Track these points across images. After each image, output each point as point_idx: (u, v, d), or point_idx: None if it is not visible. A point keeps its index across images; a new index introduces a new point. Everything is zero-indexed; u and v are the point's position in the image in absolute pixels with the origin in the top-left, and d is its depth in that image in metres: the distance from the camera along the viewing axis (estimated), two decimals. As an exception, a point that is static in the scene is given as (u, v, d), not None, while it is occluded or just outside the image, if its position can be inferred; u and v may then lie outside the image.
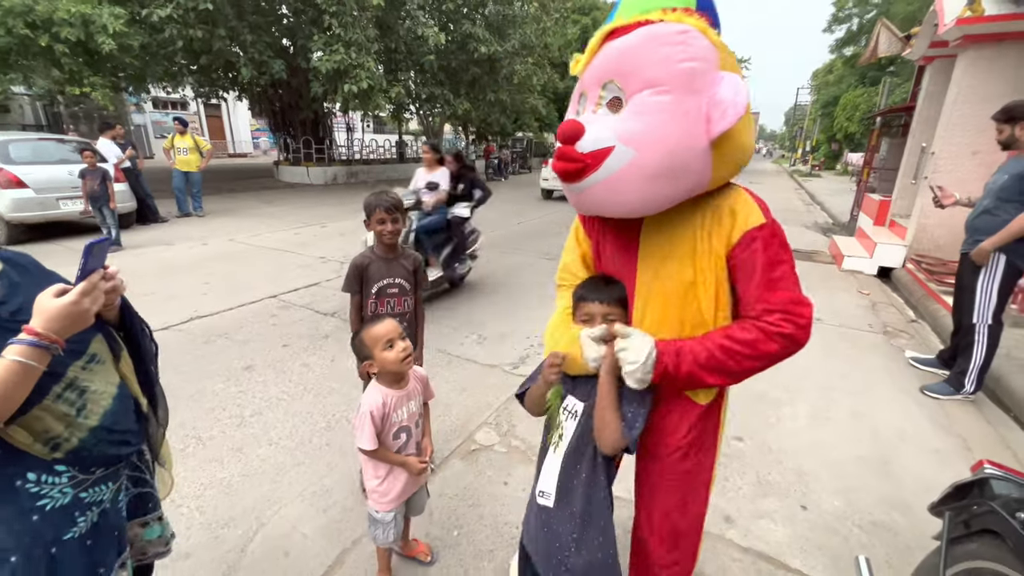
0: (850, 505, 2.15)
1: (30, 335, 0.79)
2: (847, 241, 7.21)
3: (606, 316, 1.18)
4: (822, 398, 3.06)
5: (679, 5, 0.96)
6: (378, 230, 2.02)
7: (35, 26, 8.24)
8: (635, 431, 1.11)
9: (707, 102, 0.92)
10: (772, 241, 1.04)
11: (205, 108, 23.98)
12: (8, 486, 0.86)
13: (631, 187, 0.99)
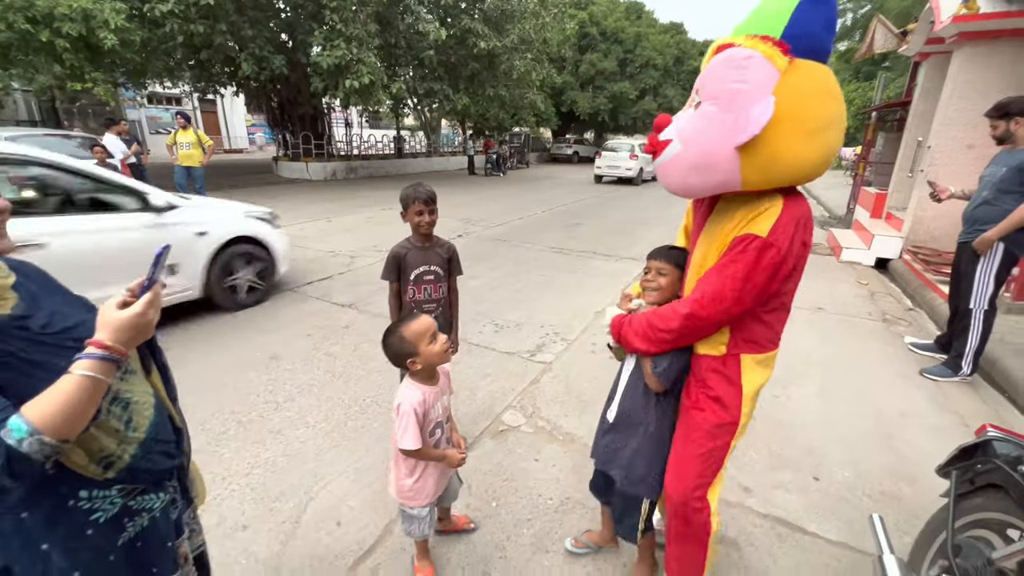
0: (859, 476, 2.30)
1: (99, 348, 0.76)
2: (845, 233, 7.39)
3: (659, 270, 1.51)
4: (827, 379, 3.22)
5: (764, 32, 1.11)
6: (416, 221, 2.09)
7: (36, 21, 8.20)
8: (665, 377, 1.42)
9: (743, 116, 1.09)
10: (756, 253, 1.18)
11: (201, 103, 23.81)
12: (61, 507, 0.84)
13: (675, 173, 1.27)
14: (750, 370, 1.37)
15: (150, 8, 9.52)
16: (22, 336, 0.80)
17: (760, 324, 1.34)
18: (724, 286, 1.22)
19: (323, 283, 5.01)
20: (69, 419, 0.73)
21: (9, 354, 0.77)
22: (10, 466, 0.69)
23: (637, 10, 28.94)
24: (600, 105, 26.20)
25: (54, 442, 0.71)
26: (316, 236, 7.20)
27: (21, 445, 0.69)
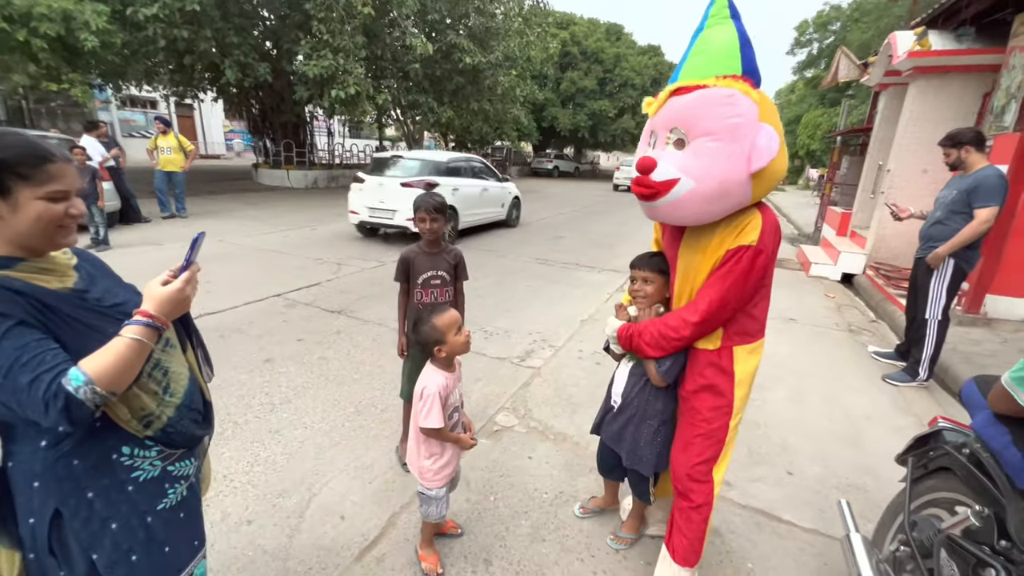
0: (828, 471, 2.49)
1: (144, 317, 0.91)
2: (813, 250, 7.79)
3: (644, 279, 1.69)
4: (798, 384, 3.43)
5: (727, 72, 1.31)
6: (419, 227, 2.23)
7: (12, 20, 8.03)
8: (668, 375, 1.60)
9: (749, 147, 1.28)
10: (750, 261, 1.37)
11: (177, 107, 23.37)
12: (106, 459, 0.98)
13: (691, 207, 1.39)
14: (742, 360, 1.55)
15: (133, 11, 9.43)
16: (81, 305, 0.97)
17: (749, 318, 1.53)
18: (728, 292, 1.40)
19: (311, 289, 5.03)
20: (118, 374, 0.87)
21: (72, 318, 0.93)
22: (68, 410, 0.82)
23: (616, 32, 29.91)
24: (580, 122, 26.85)
25: (104, 392, 0.85)
26: (301, 243, 7.19)
27: (77, 392, 0.81)
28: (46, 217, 0.90)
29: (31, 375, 0.80)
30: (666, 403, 1.70)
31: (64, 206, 0.92)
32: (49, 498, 0.93)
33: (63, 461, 0.93)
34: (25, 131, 0.99)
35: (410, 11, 11.72)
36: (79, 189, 0.98)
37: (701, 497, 1.61)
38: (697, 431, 1.58)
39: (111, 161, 7.65)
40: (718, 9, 1.37)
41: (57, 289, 0.94)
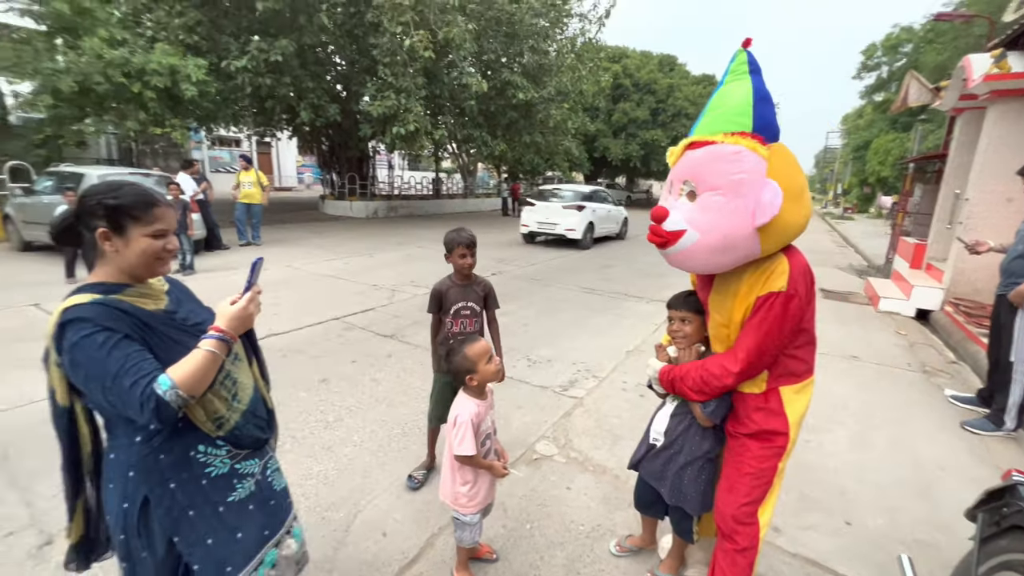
0: (893, 524, 2.30)
1: (217, 332, 1.07)
2: (883, 283, 7.28)
3: (682, 319, 1.71)
4: (860, 427, 3.21)
5: (738, 129, 1.35)
6: (459, 263, 2.30)
7: (130, 75, 9.32)
8: (714, 416, 1.61)
9: (754, 202, 1.31)
10: (782, 307, 1.38)
11: (258, 145, 25.73)
12: (186, 455, 1.15)
13: (698, 257, 1.44)
14: (791, 400, 1.53)
15: (227, 64, 10.68)
16: (171, 323, 1.17)
17: (793, 359, 1.52)
18: (765, 340, 1.42)
19: (367, 314, 5.32)
20: (196, 380, 1.03)
21: (163, 334, 1.12)
22: (158, 410, 0.99)
23: (670, 63, 29.99)
24: (632, 151, 26.87)
25: (185, 395, 1.01)
26: (359, 270, 7.63)
27: (165, 395, 0.99)
28: (150, 251, 1.12)
29: (131, 379, 0.98)
30: (713, 443, 1.69)
31: (163, 242, 1.14)
32: (141, 486, 1.11)
33: (152, 455, 1.11)
34: (137, 180, 1.21)
35: (467, 52, 12.43)
36: (175, 226, 1.19)
37: (747, 540, 1.56)
38: (745, 471, 1.56)
39: (200, 195, 8.55)
40: (737, 65, 1.42)
41: (153, 310, 1.14)
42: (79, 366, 1.00)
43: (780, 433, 1.51)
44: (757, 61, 1.41)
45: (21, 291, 5.70)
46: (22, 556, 1.93)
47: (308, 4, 11.23)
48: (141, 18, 10.78)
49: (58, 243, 1.24)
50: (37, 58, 9.18)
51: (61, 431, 1.13)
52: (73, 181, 7.50)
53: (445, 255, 2.36)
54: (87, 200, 1.09)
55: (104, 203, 1.07)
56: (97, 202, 1.07)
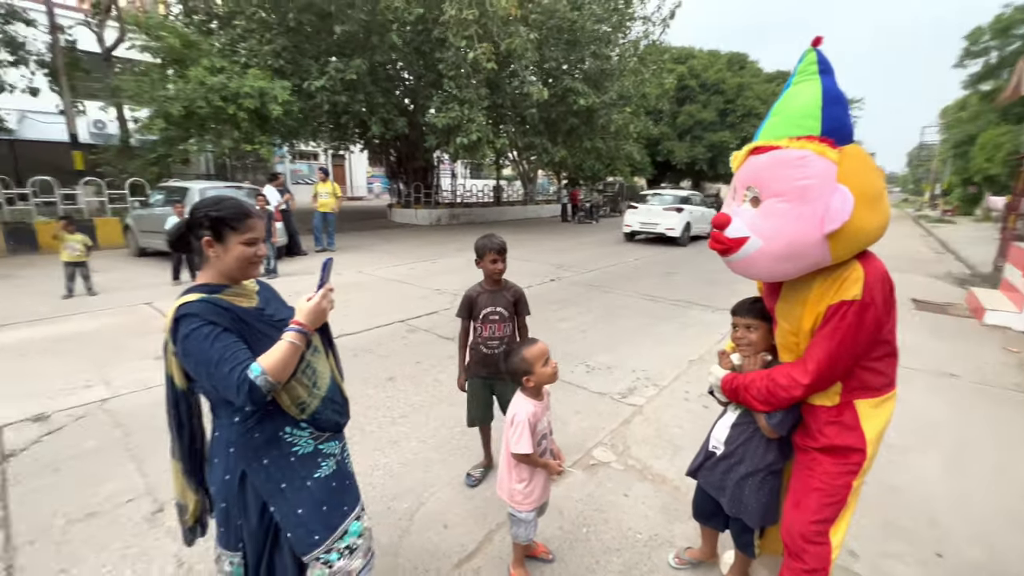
0: (994, 559, 2.07)
1: (296, 325, 1.22)
2: (990, 294, 6.50)
3: (748, 327, 1.67)
4: (957, 450, 2.90)
5: (804, 133, 1.30)
6: (490, 268, 2.32)
7: (226, 99, 10.38)
8: (781, 427, 1.54)
9: (822, 208, 1.26)
10: (856, 316, 1.31)
11: (332, 157, 27.56)
12: (275, 435, 1.30)
13: (761, 265, 1.42)
14: (869, 415, 1.44)
15: (307, 84, 11.59)
16: (261, 319, 1.32)
17: (871, 372, 1.42)
18: (837, 351, 1.34)
19: (430, 317, 5.54)
20: (281, 368, 1.18)
21: (254, 328, 1.28)
22: (251, 393, 1.13)
23: (740, 61, 28.64)
24: (698, 154, 25.90)
25: (273, 381, 1.15)
26: (423, 275, 7.96)
27: (256, 380, 1.13)
28: (244, 256, 1.29)
29: (229, 366, 1.14)
30: (777, 455, 1.62)
31: (255, 248, 1.31)
32: (240, 460, 1.28)
33: (248, 434, 1.28)
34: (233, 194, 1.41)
35: (529, 62, 12.62)
36: (264, 236, 1.37)
37: (816, 561, 1.48)
38: (814, 486, 1.48)
39: (284, 205, 9.32)
40: (806, 65, 1.37)
41: (247, 307, 1.31)
42: (190, 354, 1.18)
43: (856, 449, 1.42)
44: (828, 60, 1.36)
45: (137, 292, 6.51)
46: (140, 520, 2.23)
47: (381, 25, 11.93)
48: (237, 47, 11.97)
49: (174, 249, 1.47)
50: (153, 87, 10.48)
51: (181, 412, 1.32)
52: (180, 194, 8.47)
53: (476, 261, 2.38)
54: (196, 212, 1.28)
55: (209, 215, 1.26)
56: (204, 214, 1.26)
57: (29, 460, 2.68)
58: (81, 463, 2.66)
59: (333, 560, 1.35)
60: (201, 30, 12.88)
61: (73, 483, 2.49)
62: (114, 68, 12.88)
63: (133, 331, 4.87)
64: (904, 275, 8.77)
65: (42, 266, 8.07)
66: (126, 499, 2.37)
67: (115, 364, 4.04)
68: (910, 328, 5.43)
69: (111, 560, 1.99)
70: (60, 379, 3.72)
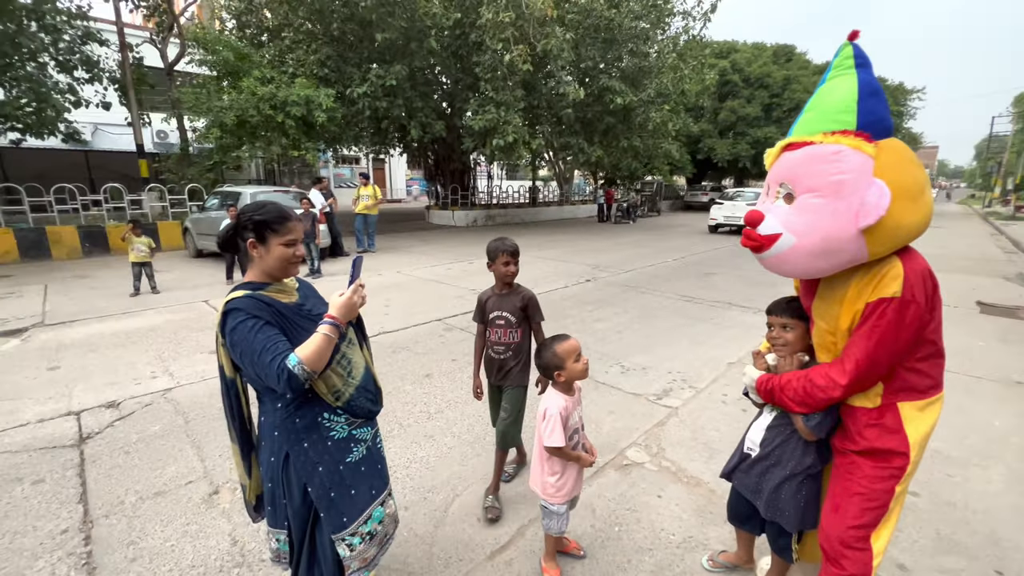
0: (1063, 581, 1.92)
1: (329, 318, 1.31)
2: (1067, 297, 5.97)
3: (783, 326, 1.64)
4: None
5: (840, 128, 1.28)
6: (502, 271, 2.25)
7: (275, 107, 10.92)
8: (819, 430, 1.51)
9: (858, 203, 1.23)
10: (896, 314, 1.27)
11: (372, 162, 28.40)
12: (314, 420, 1.40)
13: (795, 262, 1.39)
14: (912, 419, 1.39)
15: (350, 92, 12.03)
16: (300, 313, 1.43)
17: (914, 373, 1.37)
18: (876, 351, 1.30)
19: (466, 316, 5.64)
20: (317, 357, 1.26)
21: (294, 322, 1.39)
22: (290, 381, 1.22)
23: (787, 53, 27.49)
24: (741, 151, 25.02)
25: (309, 370, 1.24)
26: (459, 275, 8.10)
27: (294, 369, 1.22)
28: (284, 256, 1.40)
29: (271, 356, 1.24)
30: (815, 458, 1.58)
31: (294, 249, 1.42)
32: (284, 443, 1.39)
33: (290, 418, 1.39)
34: (275, 199, 1.53)
35: (565, 62, 12.59)
36: (303, 236, 1.47)
37: (856, 567, 1.44)
38: (854, 490, 1.44)
39: (328, 208, 9.71)
40: (842, 60, 1.34)
41: (287, 302, 1.41)
42: (236, 345, 1.29)
43: (898, 453, 1.37)
44: (865, 54, 1.33)
45: (195, 290, 6.96)
46: (198, 501, 2.40)
47: (419, 31, 12.23)
48: (285, 58, 12.57)
49: (222, 251, 1.61)
50: (209, 99, 11.16)
51: (232, 399, 1.44)
52: (233, 199, 8.98)
53: (488, 264, 2.31)
54: (242, 217, 1.40)
55: (253, 219, 1.37)
56: (248, 218, 1.38)
57: (104, 443, 2.94)
58: (148, 447, 2.90)
59: (356, 544, 1.45)
60: (252, 43, 13.62)
61: (141, 464, 2.71)
62: (175, 82, 13.81)
63: (192, 327, 5.22)
64: (969, 276, 8.19)
65: (115, 267, 8.75)
66: (186, 481, 2.56)
67: (176, 357, 4.35)
68: (974, 333, 5.07)
69: (174, 535, 2.17)
70: (129, 370, 4.05)
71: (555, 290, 7.00)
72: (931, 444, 2.81)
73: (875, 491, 1.40)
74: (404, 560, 2.03)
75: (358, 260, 1.44)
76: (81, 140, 13.61)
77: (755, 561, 1.97)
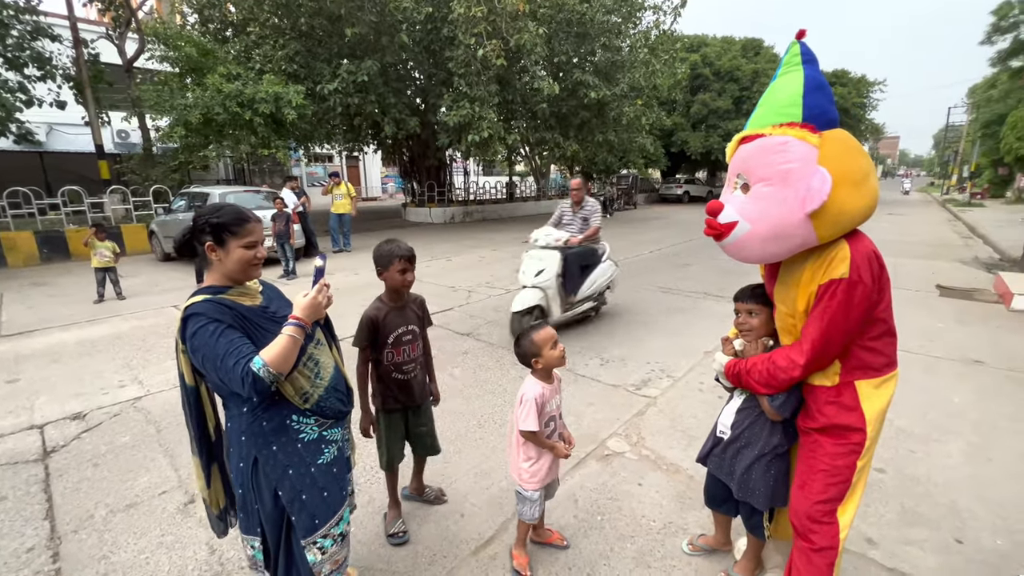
0: (1018, 547, 2.04)
1: (294, 320, 1.29)
2: (1019, 278, 6.30)
3: (749, 312, 1.69)
4: (981, 439, 2.85)
5: (787, 120, 1.37)
6: (398, 280, 1.95)
7: (243, 104, 10.61)
8: (783, 409, 1.57)
9: (804, 190, 1.31)
10: (845, 294, 1.34)
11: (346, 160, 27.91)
12: (283, 423, 1.38)
13: (751, 247, 1.48)
14: (868, 395, 1.46)
15: (320, 88, 11.77)
16: (264, 316, 1.40)
17: (868, 352, 1.45)
18: (829, 329, 1.38)
19: (445, 314, 5.62)
20: (282, 359, 1.25)
21: (258, 324, 1.36)
22: (255, 384, 1.21)
23: (755, 46, 28.04)
24: (713, 144, 25.46)
25: (274, 372, 1.23)
26: (438, 273, 8.05)
27: (259, 372, 1.20)
28: (244, 259, 1.37)
29: (234, 360, 1.22)
30: (782, 438, 1.64)
31: (254, 251, 1.39)
32: (252, 448, 1.37)
33: (257, 422, 1.36)
34: (233, 202, 1.48)
35: (539, 57, 12.58)
36: (264, 239, 1.44)
37: (824, 539, 1.50)
38: (818, 467, 1.51)
39: (300, 207, 9.51)
40: (791, 57, 1.43)
41: (250, 305, 1.39)
42: (197, 351, 1.26)
43: (856, 429, 1.45)
44: (811, 51, 1.42)
45: (163, 295, 6.74)
46: (173, 511, 2.34)
47: (390, 25, 12.03)
48: (251, 53, 12.21)
49: (179, 255, 1.55)
50: (172, 96, 10.76)
51: (191, 407, 1.41)
52: (201, 199, 8.72)
53: (379, 272, 1.98)
54: (198, 220, 1.36)
55: (210, 222, 1.34)
56: (205, 221, 1.35)
57: (70, 456, 2.83)
58: (118, 458, 2.80)
59: (328, 547, 1.44)
60: (216, 38, 13.17)
61: (111, 476, 2.62)
62: (135, 79, 13.28)
63: (161, 332, 5.06)
64: (929, 261, 8.55)
65: (76, 273, 8.40)
66: (160, 491, 2.49)
67: (145, 364, 4.21)
68: (934, 315, 5.31)
69: (149, 547, 2.10)
70: (95, 379, 3.90)
71: (534, 285, 7.03)
72: (896, 422, 2.95)
73: (838, 467, 1.47)
74: (388, 560, 2.03)
75: (322, 260, 1.43)
76: (35, 141, 12.99)
77: (732, 543, 2.03)
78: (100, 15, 13.95)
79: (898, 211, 19.46)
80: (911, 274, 7.43)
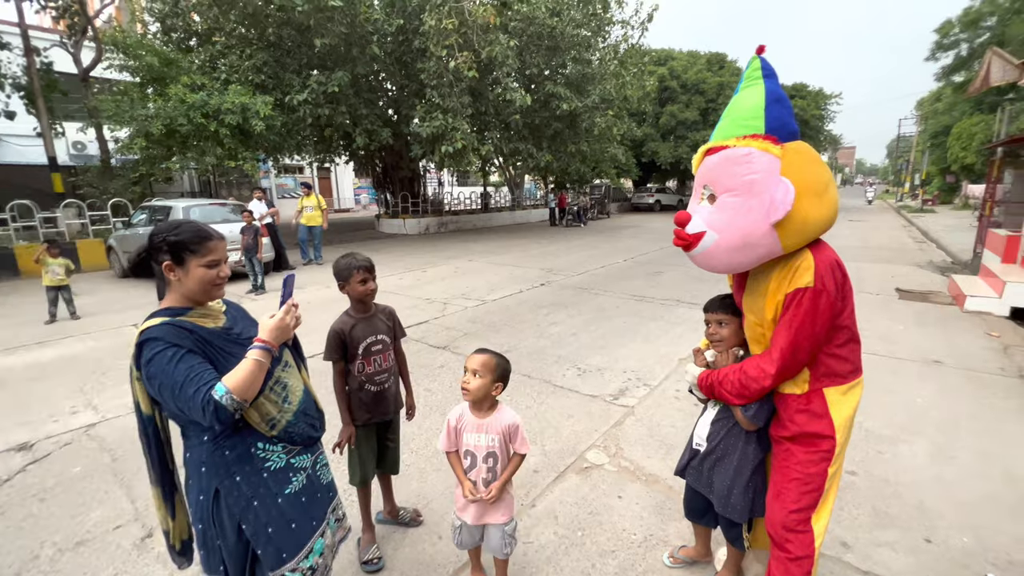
0: (981, 543, 2.10)
1: (260, 343, 1.22)
2: (970, 280, 6.64)
3: (719, 322, 1.70)
4: (943, 438, 2.95)
5: (750, 132, 1.40)
6: (360, 291, 1.97)
7: (208, 115, 10.32)
8: (756, 419, 1.58)
9: (768, 199, 1.34)
10: (811, 302, 1.37)
11: (318, 171, 27.45)
12: (247, 451, 1.30)
13: (718, 257, 1.49)
14: (836, 402, 1.48)
15: (289, 98, 11.57)
16: (227, 338, 1.32)
17: (835, 359, 1.47)
18: (797, 338, 1.40)
19: (420, 327, 5.53)
20: (246, 385, 1.17)
21: (220, 348, 1.28)
22: (216, 413, 1.13)
23: (719, 60, 29.08)
24: (682, 154, 26.16)
25: (238, 400, 1.15)
26: (413, 285, 7.94)
27: (222, 399, 1.12)
28: (205, 279, 1.29)
29: (194, 388, 1.14)
30: (757, 448, 1.65)
31: (216, 270, 1.31)
32: (212, 479, 1.28)
33: (218, 452, 1.28)
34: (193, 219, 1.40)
35: (511, 69, 12.70)
36: (227, 258, 1.36)
37: (800, 548, 1.51)
38: (791, 475, 1.52)
39: (268, 219, 9.26)
40: (752, 71, 1.47)
41: (212, 327, 1.31)
42: (154, 378, 1.17)
43: (825, 436, 1.47)
44: (771, 65, 1.46)
45: (122, 313, 6.41)
46: (129, 546, 2.19)
47: (361, 37, 11.95)
48: (217, 63, 11.92)
49: (135, 275, 1.45)
50: (133, 107, 10.39)
51: (149, 437, 1.31)
52: (163, 214, 8.38)
53: (340, 286, 2.01)
54: (154, 238, 1.28)
55: (167, 240, 1.26)
56: (162, 239, 1.26)
57: (13, 491, 2.63)
58: (68, 491, 2.61)
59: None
60: (180, 48, 12.82)
61: (60, 512, 2.44)
62: (92, 89, 12.75)
63: (118, 354, 4.80)
64: (888, 265, 8.93)
65: (26, 292, 7.93)
66: (115, 525, 2.33)
67: (101, 388, 3.98)
68: (895, 317, 5.52)
69: (100, 589, 1.96)
70: (44, 406, 3.66)
71: (510, 295, 7.00)
72: (864, 423, 3.03)
73: (810, 475, 1.48)
74: (362, 589, 1.94)
75: (290, 279, 1.36)
76: (-19, 153, 12.29)
77: (713, 553, 2.02)
78: (55, 23, 13.38)
79: (857, 217, 20.32)
80: (872, 278, 7.73)
